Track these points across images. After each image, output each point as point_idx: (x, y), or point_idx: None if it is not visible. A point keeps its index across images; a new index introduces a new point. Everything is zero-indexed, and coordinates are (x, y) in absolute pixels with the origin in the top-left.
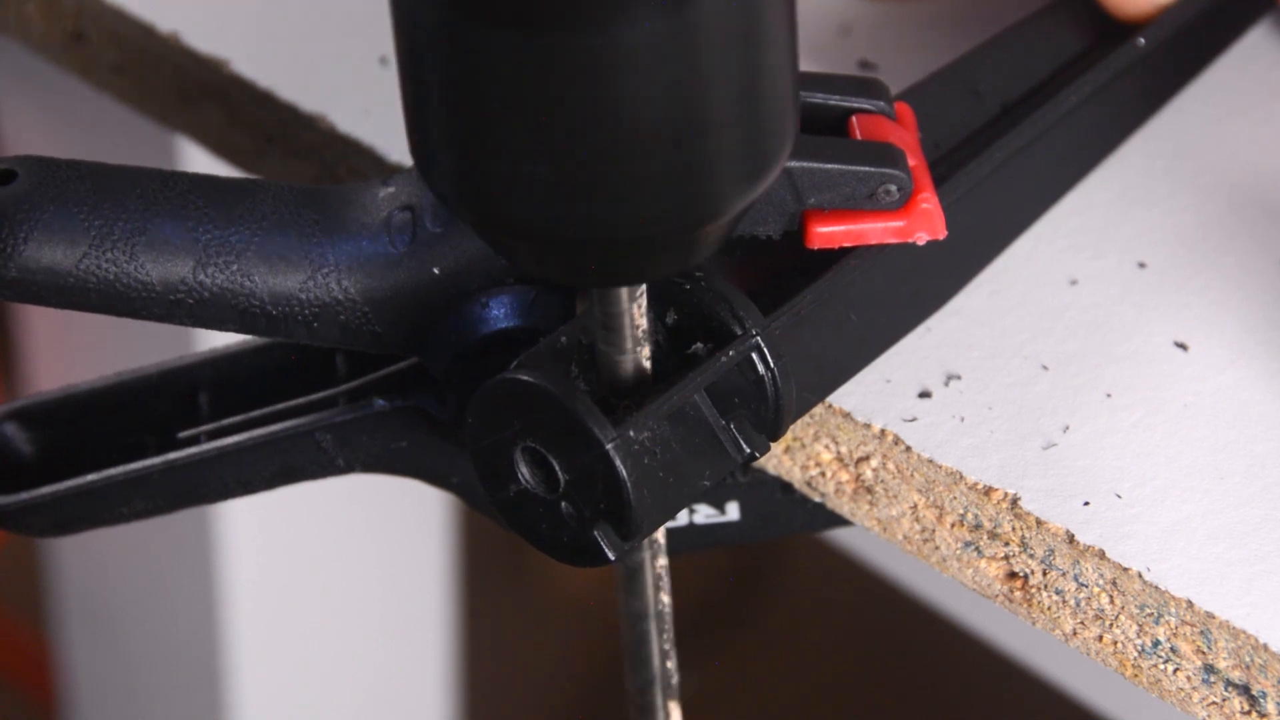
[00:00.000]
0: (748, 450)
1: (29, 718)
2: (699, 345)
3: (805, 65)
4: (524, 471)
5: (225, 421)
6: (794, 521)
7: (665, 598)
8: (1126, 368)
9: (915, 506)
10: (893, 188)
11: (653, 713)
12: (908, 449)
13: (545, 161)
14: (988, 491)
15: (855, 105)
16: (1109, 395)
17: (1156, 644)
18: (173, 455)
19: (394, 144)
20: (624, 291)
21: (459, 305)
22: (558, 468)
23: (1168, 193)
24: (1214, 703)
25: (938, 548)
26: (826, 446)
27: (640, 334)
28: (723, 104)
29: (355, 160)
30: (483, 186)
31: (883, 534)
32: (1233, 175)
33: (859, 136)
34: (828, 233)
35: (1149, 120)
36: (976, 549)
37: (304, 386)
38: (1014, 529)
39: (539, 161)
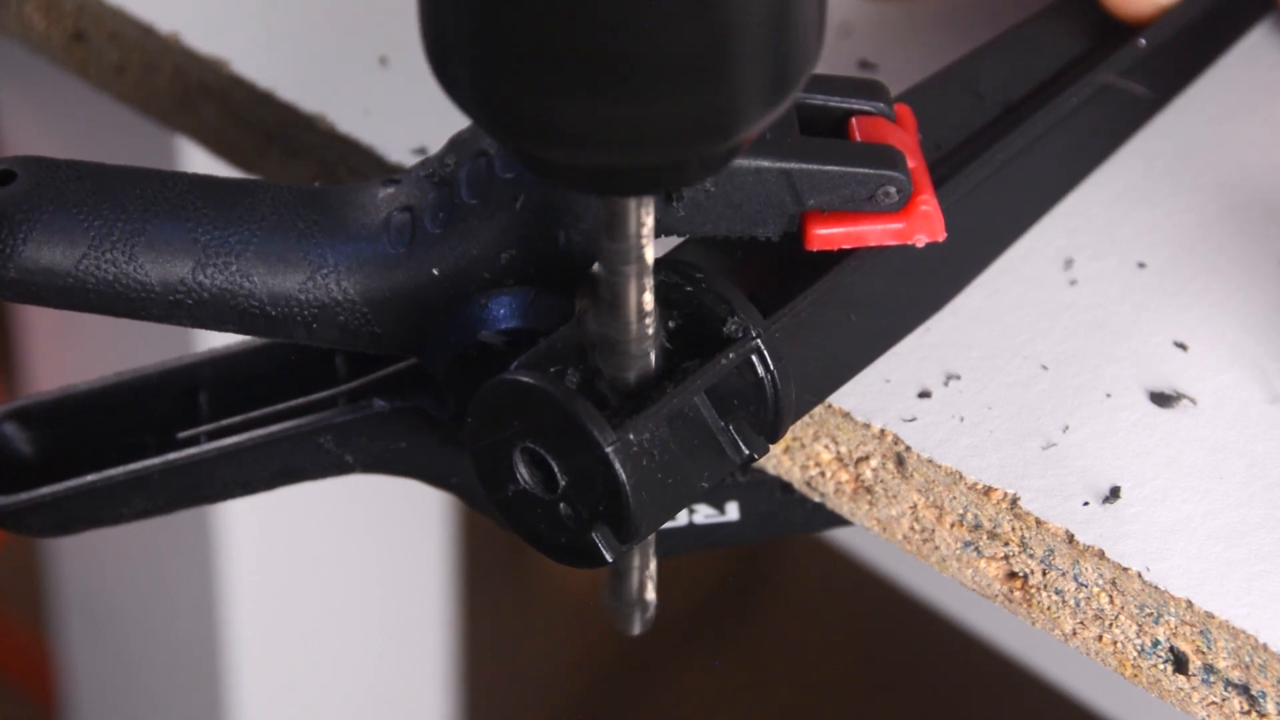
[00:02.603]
0: (746, 452)
1: (29, 718)
2: (700, 347)
3: None
4: (523, 472)
5: (225, 422)
6: (794, 521)
7: None
8: (1126, 368)
9: (915, 506)
10: (892, 190)
11: (628, 575)
12: (907, 449)
13: (573, 72)
14: (987, 491)
15: (855, 107)
16: (1109, 395)
17: (1156, 644)
18: (173, 455)
19: (394, 144)
20: (631, 212)
21: (458, 306)
22: (556, 469)
23: (1168, 193)
24: (1213, 703)
25: (937, 548)
26: (826, 446)
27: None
28: (753, 22)
29: (355, 160)
30: (505, 95)
31: (882, 534)
32: (1233, 175)
33: (859, 138)
34: (827, 234)
35: (1150, 121)
36: (976, 549)
37: (304, 387)
38: (1013, 529)
39: (565, 70)
